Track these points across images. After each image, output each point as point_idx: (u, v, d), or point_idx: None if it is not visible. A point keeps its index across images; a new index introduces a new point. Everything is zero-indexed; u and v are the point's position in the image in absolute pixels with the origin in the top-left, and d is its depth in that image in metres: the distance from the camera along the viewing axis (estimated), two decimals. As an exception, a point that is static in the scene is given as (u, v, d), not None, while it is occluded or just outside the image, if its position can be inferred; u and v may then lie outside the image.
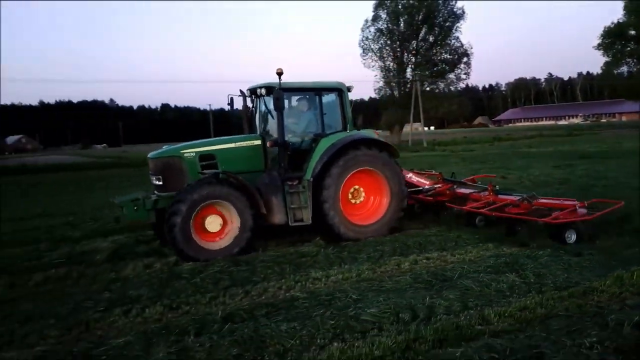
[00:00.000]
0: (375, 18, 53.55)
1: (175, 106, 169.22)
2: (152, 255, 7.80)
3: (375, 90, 57.37)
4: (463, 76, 53.83)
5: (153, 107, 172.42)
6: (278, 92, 7.92)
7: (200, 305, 5.51)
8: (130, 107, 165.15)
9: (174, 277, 6.59)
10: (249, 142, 8.68)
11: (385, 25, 53.42)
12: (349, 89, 9.04)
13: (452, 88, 55.79)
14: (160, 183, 8.20)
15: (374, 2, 53.30)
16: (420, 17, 51.90)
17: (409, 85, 53.47)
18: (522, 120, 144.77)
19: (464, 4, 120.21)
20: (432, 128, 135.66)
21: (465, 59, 52.83)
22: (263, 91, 8.64)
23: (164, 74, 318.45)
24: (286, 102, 8.77)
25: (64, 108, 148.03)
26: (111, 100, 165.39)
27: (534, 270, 6.21)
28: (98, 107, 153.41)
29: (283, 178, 8.20)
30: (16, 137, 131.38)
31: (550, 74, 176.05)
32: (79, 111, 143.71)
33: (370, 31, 54.09)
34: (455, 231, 8.60)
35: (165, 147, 8.81)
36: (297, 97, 9.13)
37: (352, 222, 8.49)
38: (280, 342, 4.39)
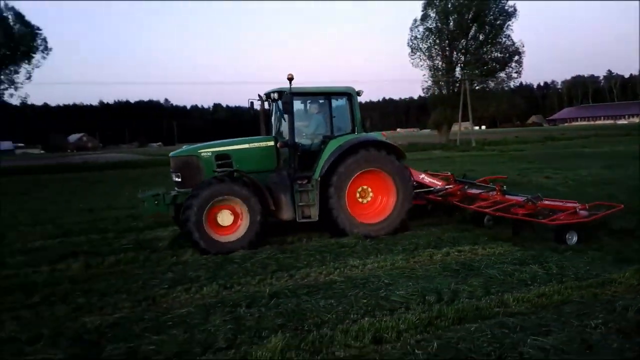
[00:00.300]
0: (424, 17, 53.39)
1: (227, 106, 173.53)
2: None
3: (423, 89, 57.33)
4: (514, 75, 52.93)
5: (205, 106, 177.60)
6: (287, 96, 8.57)
7: (250, 285, 6.26)
8: (184, 107, 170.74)
9: (227, 262, 7.37)
10: (262, 143, 9.24)
11: (435, 25, 53.21)
12: (358, 93, 9.47)
13: (505, 87, 55.03)
14: (180, 180, 8.88)
15: (423, 1, 53.15)
16: (470, 15, 51.41)
17: (457, 85, 53.03)
18: (579, 119, 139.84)
19: (516, 2, 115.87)
20: (483, 127, 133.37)
21: (516, 58, 51.95)
22: (275, 95, 9.18)
23: (216, 75, 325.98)
24: (300, 105, 9.40)
25: (122, 108, 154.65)
26: (166, 100, 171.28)
27: (558, 262, 6.63)
28: (154, 107, 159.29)
29: (293, 177, 8.71)
30: (78, 135, 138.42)
31: (609, 71, 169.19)
32: (136, 111, 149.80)
33: (419, 30, 53.99)
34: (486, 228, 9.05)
35: (184, 147, 9.50)
36: (308, 101, 9.62)
37: (357, 219, 8.87)
38: (318, 316, 5.07)
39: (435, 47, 53.97)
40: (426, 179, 10.79)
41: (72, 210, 14.36)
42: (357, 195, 9.18)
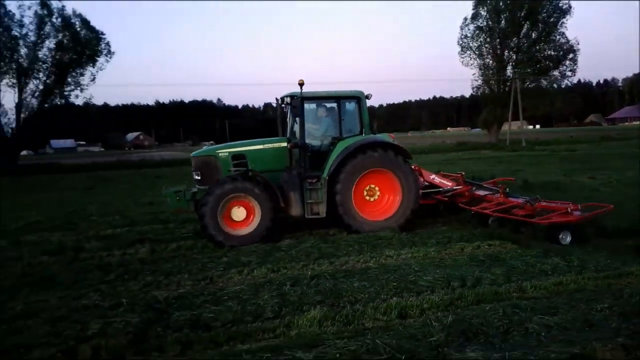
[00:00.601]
0: (475, 16, 52.97)
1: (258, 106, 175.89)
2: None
3: (473, 88, 56.84)
4: (568, 73, 51.75)
5: (256, 106, 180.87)
6: (295, 100, 9.28)
7: (294, 269, 7.06)
8: (236, 107, 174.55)
9: (275, 249, 8.21)
10: (275, 144, 9.89)
11: (485, 23, 52.71)
12: (367, 97, 10.02)
13: (555, 85, 53.93)
14: (199, 178, 9.69)
15: (473, 0, 52.75)
16: (522, 13, 50.63)
17: (508, 83, 52.30)
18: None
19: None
20: (537, 127, 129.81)
21: (570, 55, 50.76)
22: (288, 100, 9.89)
23: (267, 76, 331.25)
24: (312, 108, 10.00)
25: (177, 107, 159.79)
26: (218, 100, 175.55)
27: (580, 256, 7.09)
28: (207, 107, 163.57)
29: (303, 176, 9.29)
30: (135, 134, 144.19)
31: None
32: (190, 110, 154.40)
33: (469, 29, 53.60)
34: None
35: (204, 147, 10.18)
36: (319, 104, 10.15)
37: (364, 216, 9.38)
38: (352, 295, 5.80)
39: (486, 45, 53.45)
40: (436, 179, 11.12)
41: (135, 203, 15.66)
42: (365, 193, 9.65)
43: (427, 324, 4.80)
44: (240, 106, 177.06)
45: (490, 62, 53.32)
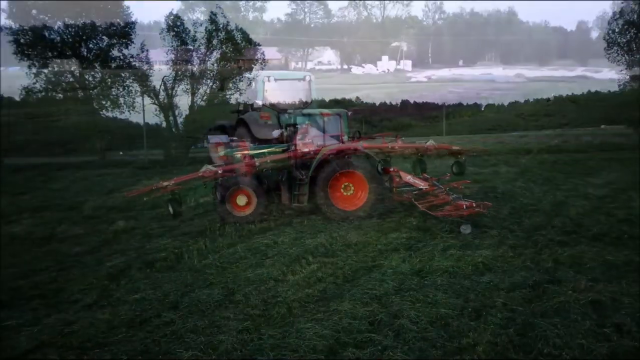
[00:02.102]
0: (624, 10, 50.62)
1: (414, 102, 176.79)
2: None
3: (619, 85, 54.10)
4: None
5: (393, 103, 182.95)
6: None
7: (390, 238, 10.19)
8: (373, 104, 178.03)
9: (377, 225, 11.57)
10: (278, 148, 12.85)
11: (636, 17, 50.07)
12: (347, 114, 13.09)
13: None
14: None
15: (620, -6, 50.32)
16: (679, 5, 47.36)
17: (660, 79, 49.21)
18: None
19: None
20: None
21: None
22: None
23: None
24: (305, 122, 12.83)
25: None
26: (357, 97, 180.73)
27: (615, 238, 9.39)
28: (345, 105, 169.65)
29: (293, 174, 12.22)
30: (278, 131, 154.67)
31: None
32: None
33: (617, 24, 51.26)
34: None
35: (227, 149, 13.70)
36: (308, 120, 12.89)
37: (339, 207, 11.84)
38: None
39: (637, 40, 50.72)
40: (411, 179, 12.68)
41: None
42: (342, 189, 12.22)
43: (467, 261, 7.98)
44: (377, 103, 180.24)
45: (640, 57, 50.61)
